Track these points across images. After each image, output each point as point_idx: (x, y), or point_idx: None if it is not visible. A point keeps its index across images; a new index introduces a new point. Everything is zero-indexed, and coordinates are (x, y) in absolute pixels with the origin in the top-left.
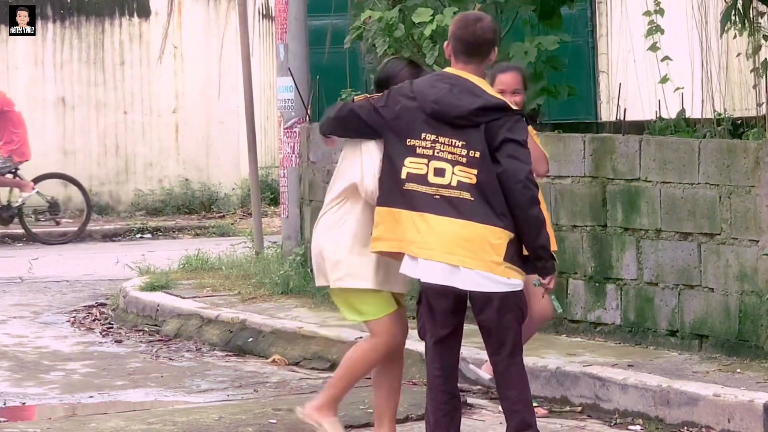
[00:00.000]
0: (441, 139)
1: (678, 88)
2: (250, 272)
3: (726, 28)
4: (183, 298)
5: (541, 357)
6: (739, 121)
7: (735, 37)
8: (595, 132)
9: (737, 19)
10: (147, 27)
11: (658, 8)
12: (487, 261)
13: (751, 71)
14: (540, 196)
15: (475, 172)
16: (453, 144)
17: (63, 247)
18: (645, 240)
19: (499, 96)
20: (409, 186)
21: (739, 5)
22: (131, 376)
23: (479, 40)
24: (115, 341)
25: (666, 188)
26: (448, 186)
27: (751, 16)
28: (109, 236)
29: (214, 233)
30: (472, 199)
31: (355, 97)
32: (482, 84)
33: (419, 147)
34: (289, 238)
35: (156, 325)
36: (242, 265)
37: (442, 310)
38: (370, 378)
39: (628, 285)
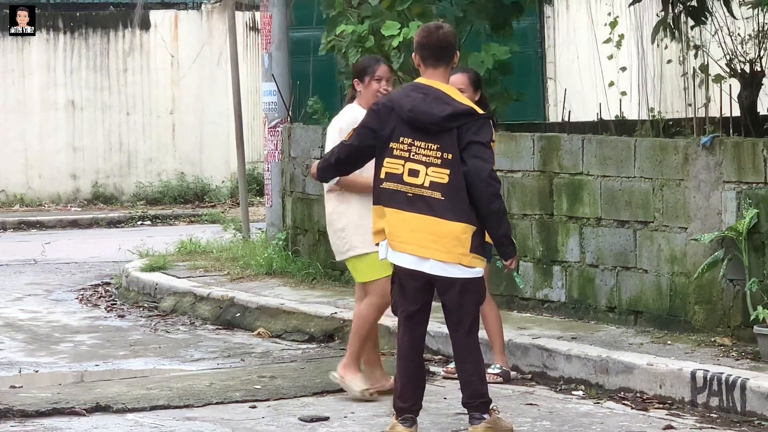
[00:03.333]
0: (417, 143)
1: (623, 93)
2: (237, 255)
3: (660, 39)
4: (178, 278)
5: None
6: (671, 122)
7: (666, 47)
8: (543, 132)
9: (668, 31)
10: (147, 38)
11: (613, 20)
12: (456, 254)
13: (682, 75)
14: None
15: (447, 172)
16: (428, 147)
17: (72, 233)
18: (587, 227)
19: (467, 102)
20: (387, 185)
21: (670, 19)
22: (132, 347)
23: (442, 44)
24: (118, 316)
25: (605, 181)
26: (421, 186)
27: (681, 27)
28: (114, 223)
29: (206, 221)
30: (443, 198)
31: (347, 137)
32: (451, 92)
33: (396, 149)
34: (273, 224)
35: (154, 302)
36: (231, 249)
37: (412, 290)
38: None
39: (572, 267)
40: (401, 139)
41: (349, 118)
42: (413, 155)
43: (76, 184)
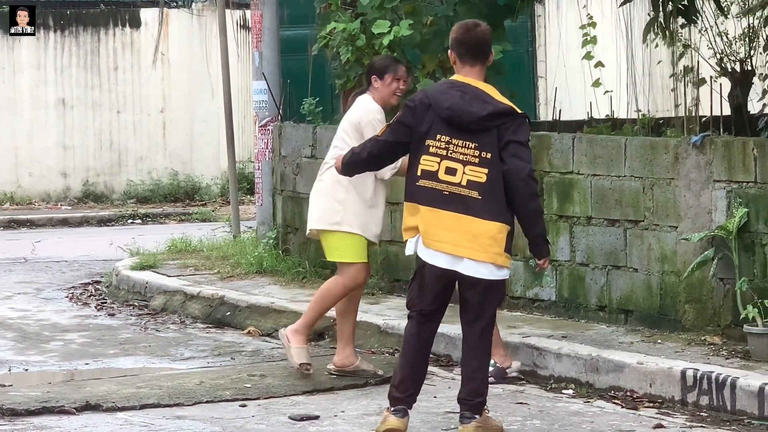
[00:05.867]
0: (454, 141)
1: (607, 92)
2: (228, 254)
3: (650, 39)
4: (169, 276)
5: None
6: (661, 121)
7: (657, 46)
8: (533, 130)
9: (659, 30)
10: (138, 36)
11: (591, 22)
12: (491, 253)
13: (670, 76)
14: None
15: (486, 171)
16: (466, 146)
17: (62, 231)
18: (577, 226)
19: (506, 101)
20: (423, 182)
21: (661, 18)
22: (122, 345)
23: (480, 42)
24: (109, 315)
25: (596, 180)
26: (459, 184)
27: (672, 27)
28: (104, 222)
29: (196, 219)
30: (480, 197)
31: (380, 132)
32: (490, 90)
33: (432, 146)
34: (263, 223)
35: (145, 301)
36: (221, 248)
37: (435, 290)
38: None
39: (562, 266)
40: (438, 136)
41: (378, 108)
42: (450, 153)
43: (67, 182)
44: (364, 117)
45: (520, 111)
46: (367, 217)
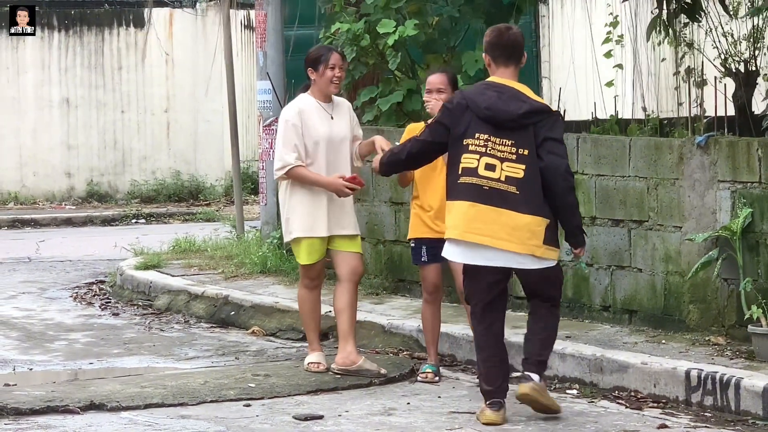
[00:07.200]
0: (492, 139)
1: (612, 90)
2: (232, 253)
3: (660, 40)
4: (173, 276)
5: None
6: (665, 121)
7: (659, 44)
8: None
9: (662, 29)
10: (142, 36)
11: (614, 20)
12: (529, 245)
13: (674, 74)
14: None
15: (523, 167)
16: (503, 143)
17: (66, 231)
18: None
19: (541, 100)
20: (465, 179)
21: (664, 16)
22: (126, 345)
23: (513, 44)
24: (113, 314)
25: (600, 180)
26: (498, 180)
27: (676, 26)
28: (108, 221)
29: (200, 219)
30: (518, 192)
31: (418, 132)
32: (525, 90)
33: (471, 145)
34: (267, 223)
35: (149, 300)
36: (225, 247)
37: (485, 282)
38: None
39: (566, 265)
40: (477, 135)
41: (294, 111)
42: (489, 150)
43: (71, 182)
44: (290, 117)
45: (554, 109)
46: (313, 217)
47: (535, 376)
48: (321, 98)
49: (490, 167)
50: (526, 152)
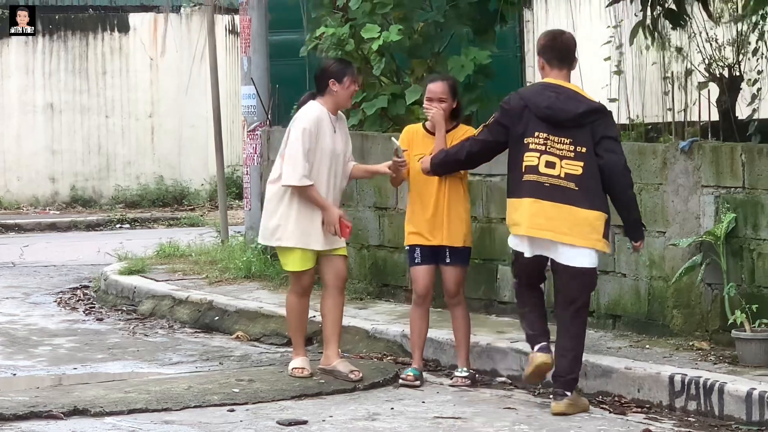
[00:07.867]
0: (551, 137)
1: (598, 94)
2: (216, 258)
3: (646, 44)
4: (157, 281)
5: (474, 334)
6: (650, 126)
7: (647, 48)
8: None
9: (647, 34)
10: (126, 41)
11: (618, 23)
12: (591, 239)
13: (663, 79)
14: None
15: (581, 164)
16: (561, 141)
17: (51, 235)
18: None
19: (595, 100)
20: (527, 177)
21: (648, 21)
22: (111, 350)
23: (566, 47)
24: (97, 319)
25: None
26: (558, 177)
27: (660, 30)
28: (92, 226)
29: (185, 224)
30: (577, 188)
31: (475, 132)
32: (580, 90)
33: (532, 143)
34: (252, 228)
35: (133, 305)
36: (210, 252)
37: (535, 268)
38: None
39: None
40: (536, 134)
41: (312, 119)
42: (549, 148)
43: (55, 187)
44: (308, 125)
45: (607, 109)
46: (311, 230)
47: (568, 392)
48: (332, 110)
49: (550, 165)
50: (583, 150)
